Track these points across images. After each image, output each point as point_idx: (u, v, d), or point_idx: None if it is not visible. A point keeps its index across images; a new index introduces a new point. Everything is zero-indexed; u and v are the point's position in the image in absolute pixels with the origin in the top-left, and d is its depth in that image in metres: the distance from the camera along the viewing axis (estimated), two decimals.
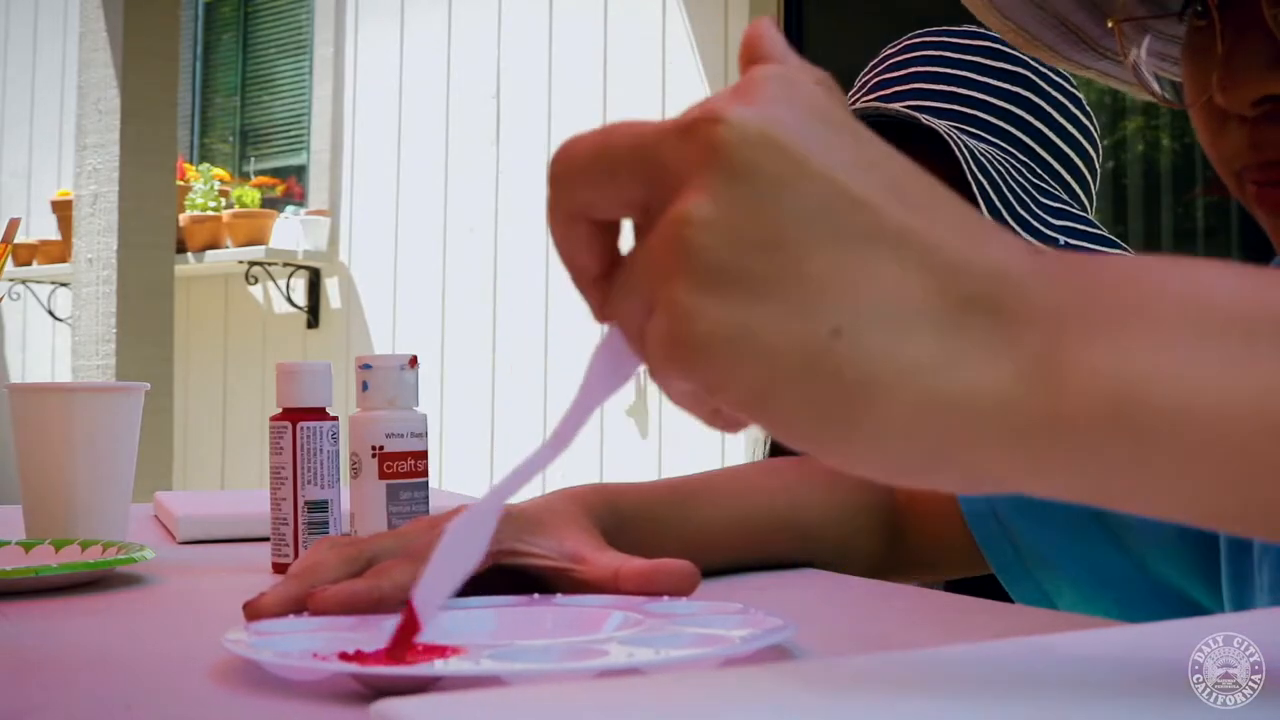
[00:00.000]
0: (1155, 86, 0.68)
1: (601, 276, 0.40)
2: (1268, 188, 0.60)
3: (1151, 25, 0.68)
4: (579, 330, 3.83)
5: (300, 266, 4.42)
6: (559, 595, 0.62)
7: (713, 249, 0.34)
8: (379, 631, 0.52)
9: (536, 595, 0.61)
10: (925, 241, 0.34)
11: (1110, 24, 0.68)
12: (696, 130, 0.36)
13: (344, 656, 0.45)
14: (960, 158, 0.85)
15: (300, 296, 4.49)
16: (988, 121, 0.95)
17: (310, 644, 0.49)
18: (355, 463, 0.79)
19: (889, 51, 1.03)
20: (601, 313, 0.40)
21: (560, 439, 0.41)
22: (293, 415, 0.83)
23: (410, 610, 0.42)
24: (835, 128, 0.36)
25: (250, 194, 4.53)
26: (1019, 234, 0.86)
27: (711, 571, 0.71)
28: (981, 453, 0.34)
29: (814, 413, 0.34)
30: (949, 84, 0.97)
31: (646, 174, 0.37)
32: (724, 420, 0.39)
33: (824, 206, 0.34)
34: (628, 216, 0.38)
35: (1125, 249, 0.92)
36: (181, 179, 4.33)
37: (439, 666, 0.44)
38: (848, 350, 0.34)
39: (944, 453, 0.34)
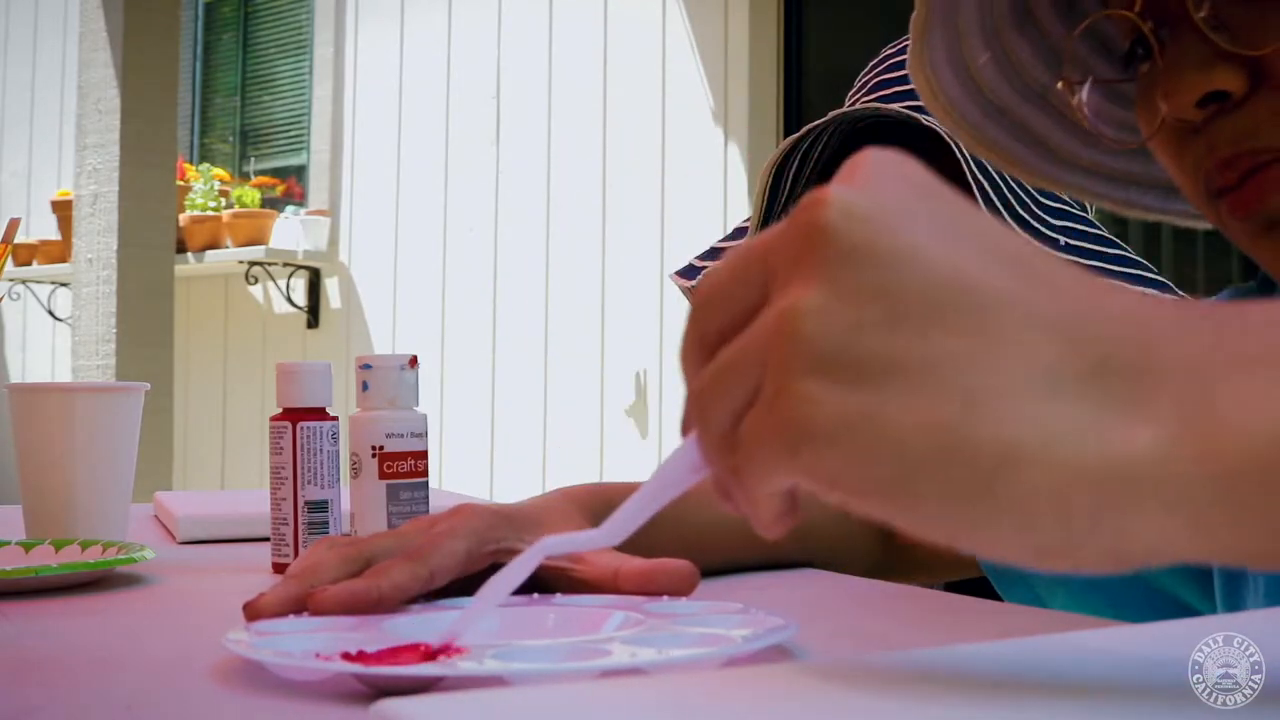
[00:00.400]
0: (1110, 132, 0.68)
1: None
2: (1236, 193, 0.59)
3: (1105, 84, 0.68)
4: (579, 330, 3.83)
5: (300, 266, 4.42)
6: (558, 595, 0.62)
7: (827, 335, 0.33)
8: (380, 631, 0.52)
9: (536, 595, 0.61)
10: (1049, 307, 0.33)
11: (1060, 85, 0.68)
12: (801, 218, 0.34)
13: (347, 656, 0.46)
14: (960, 158, 0.85)
15: (300, 296, 4.49)
16: None
17: (312, 644, 0.49)
18: (355, 463, 0.79)
19: (889, 51, 1.02)
20: (688, 420, 0.38)
21: (612, 534, 0.40)
22: (293, 415, 0.83)
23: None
24: (942, 202, 0.35)
25: (250, 194, 4.54)
26: (1019, 235, 0.86)
27: (711, 571, 0.71)
28: (1136, 521, 0.32)
29: (949, 496, 0.32)
30: None
31: (760, 278, 0.35)
32: (785, 521, 0.37)
33: (941, 280, 0.33)
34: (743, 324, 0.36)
35: (1126, 249, 0.92)
36: (181, 179, 4.33)
37: (442, 667, 0.44)
38: (982, 423, 0.32)
39: (1094, 525, 0.32)
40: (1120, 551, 0.32)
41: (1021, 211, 0.87)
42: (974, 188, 0.84)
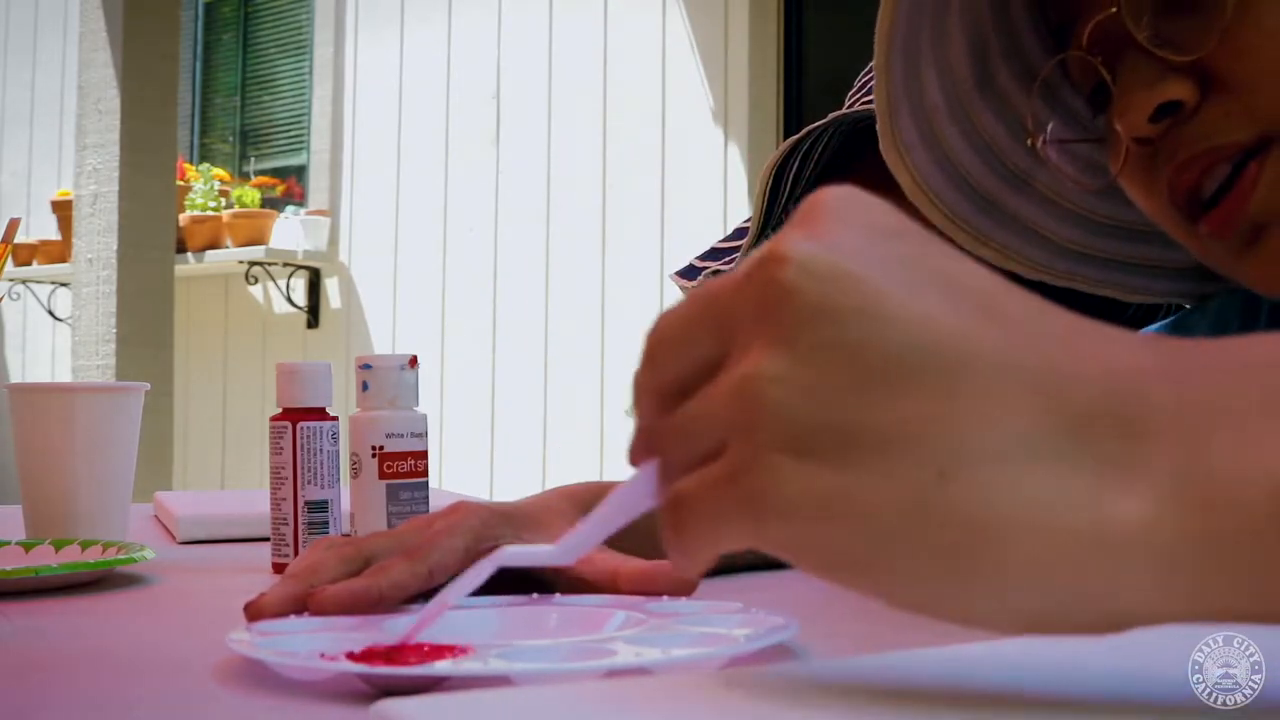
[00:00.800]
0: (1073, 172, 0.69)
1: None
2: (1215, 211, 0.60)
3: (1071, 142, 0.69)
4: (579, 330, 3.83)
5: (300, 266, 4.42)
6: (558, 595, 0.62)
7: (792, 405, 0.31)
8: (382, 632, 0.52)
9: (535, 595, 0.61)
10: (1026, 360, 0.31)
11: (1030, 143, 0.68)
12: (759, 274, 0.33)
13: (351, 656, 0.46)
14: None
15: (300, 296, 4.49)
16: None
17: (315, 644, 0.49)
18: (355, 463, 0.79)
19: None
20: (639, 452, 0.37)
21: (567, 552, 0.40)
22: (293, 415, 0.83)
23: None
24: (908, 245, 0.33)
25: (250, 194, 4.54)
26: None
27: (710, 571, 0.71)
28: (1129, 590, 0.30)
29: (923, 571, 0.31)
30: None
31: (718, 330, 0.34)
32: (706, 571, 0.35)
33: (906, 338, 0.31)
34: (704, 378, 0.35)
35: None
36: (181, 179, 4.33)
37: (447, 666, 0.44)
38: (958, 494, 0.30)
39: (1083, 596, 0.30)
40: (1115, 620, 0.31)
41: None
42: None
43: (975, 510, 0.30)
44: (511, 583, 0.64)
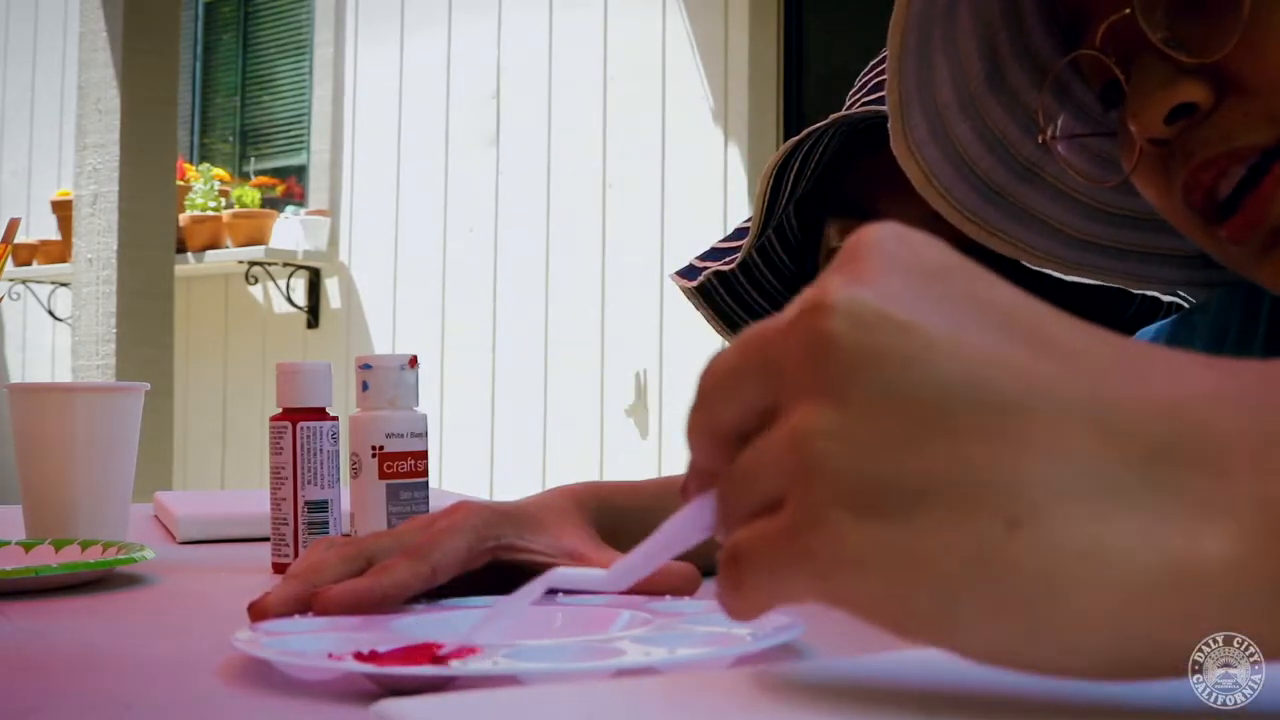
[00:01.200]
0: (1084, 166, 0.69)
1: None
2: (1235, 218, 0.59)
3: (1083, 136, 0.69)
4: (579, 330, 3.83)
5: (300, 266, 4.42)
6: (560, 595, 0.62)
7: (847, 460, 0.30)
8: (388, 631, 0.52)
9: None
10: (1087, 394, 0.30)
11: (1040, 140, 0.68)
12: (804, 322, 0.32)
13: (359, 656, 0.46)
14: None
15: (300, 296, 4.49)
16: None
17: (322, 644, 0.49)
18: (355, 463, 0.79)
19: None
20: (693, 488, 0.37)
21: (618, 579, 0.40)
22: (293, 415, 0.83)
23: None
24: (954, 282, 0.32)
25: (250, 194, 4.54)
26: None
27: (712, 571, 0.71)
28: (1212, 632, 0.29)
29: (995, 622, 0.29)
30: None
31: (767, 377, 0.33)
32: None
33: (960, 381, 0.30)
34: (758, 424, 0.34)
35: None
36: (181, 179, 4.33)
37: (455, 666, 0.44)
38: (1028, 541, 0.29)
39: (1160, 642, 0.29)
40: (1187, 666, 0.29)
41: None
42: None
43: (1047, 557, 0.29)
44: (509, 581, 0.64)
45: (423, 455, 0.79)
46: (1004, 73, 0.70)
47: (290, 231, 4.35)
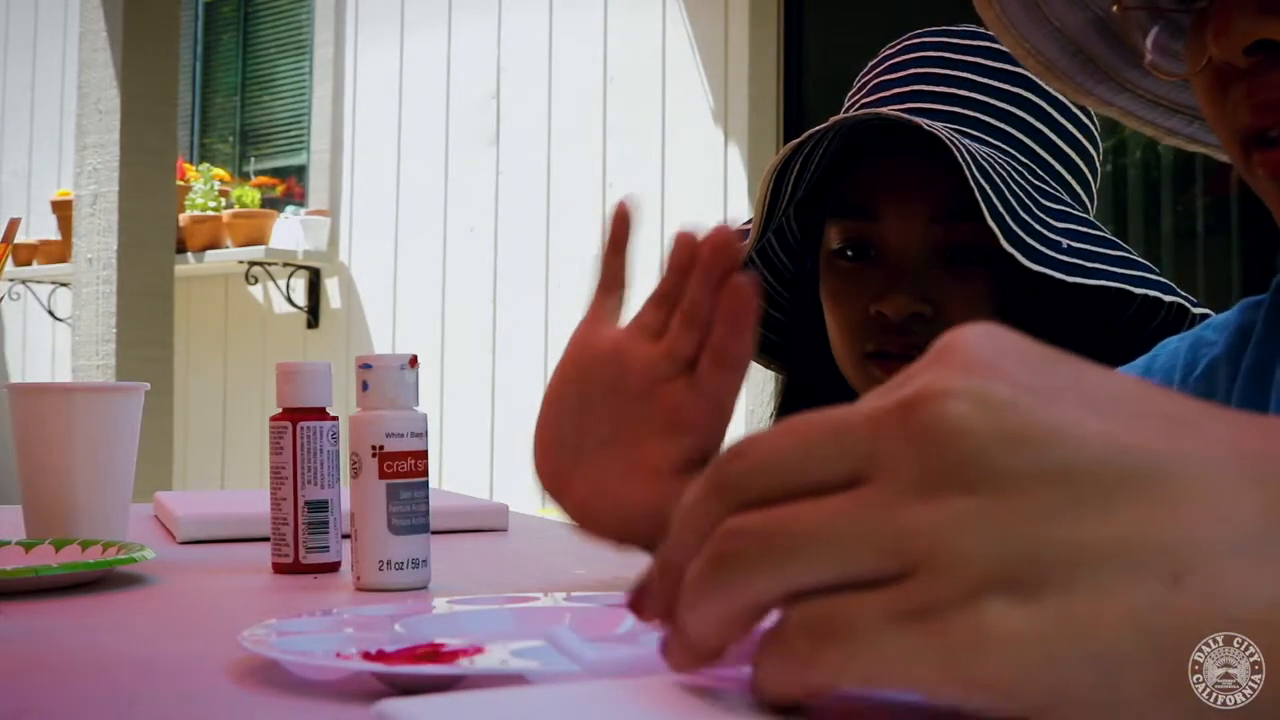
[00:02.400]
0: (1152, 56, 0.68)
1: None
2: (1271, 152, 0.59)
3: (1161, 10, 0.68)
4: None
5: (300, 266, 4.42)
6: (565, 595, 0.62)
7: (991, 542, 0.29)
8: (394, 631, 0.52)
9: (541, 595, 0.61)
10: (1232, 454, 0.30)
11: (1115, 7, 0.68)
12: (916, 415, 0.30)
13: (368, 656, 0.46)
14: (961, 162, 0.84)
15: (300, 296, 4.49)
16: (987, 123, 0.95)
17: (330, 644, 0.49)
18: (355, 463, 0.79)
19: (888, 52, 1.02)
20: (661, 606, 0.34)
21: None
22: (293, 415, 0.83)
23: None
24: (1066, 372, 0.31)
25: (250, 194, 4.54)
26: (1024, 239, 0.85)
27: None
28: None
29: (1161, 689, 0.28)
30: (949, 85, 0.97)
31: (847, 460, 0.31)
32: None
33: (1108, 453, 0.29)
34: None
35: (1129, 250, 0.92)
36: (181, 179, 4.33)
37: (463, 665, 0.44)
38: (1194, 599, 0.28)
39: None
40: None
41: (1024, 215, 0.87)
42: (975, 190, 0.84)
43: (1212, 617, 0.28)
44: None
45: (423, 455, 0.79)
46: None
47: (290, 231, 4.35)
